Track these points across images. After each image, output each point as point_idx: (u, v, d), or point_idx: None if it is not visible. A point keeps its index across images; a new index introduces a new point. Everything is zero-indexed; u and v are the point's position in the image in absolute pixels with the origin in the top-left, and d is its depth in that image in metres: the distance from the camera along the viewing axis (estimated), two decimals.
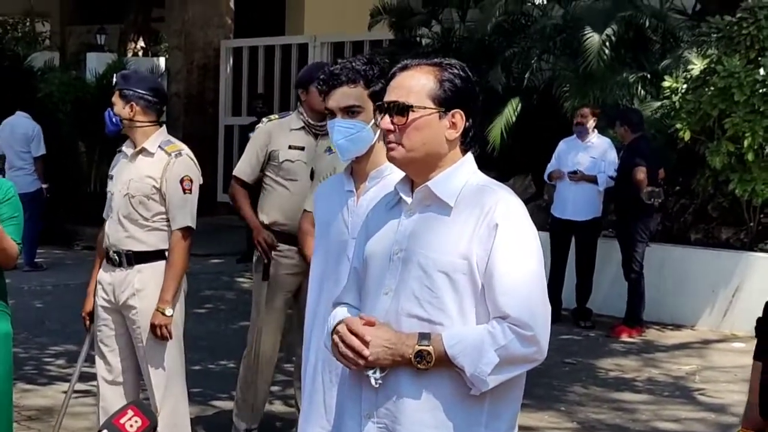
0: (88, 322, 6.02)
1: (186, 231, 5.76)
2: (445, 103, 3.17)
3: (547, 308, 3.11)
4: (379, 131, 4.11)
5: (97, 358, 5.96)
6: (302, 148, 6.47)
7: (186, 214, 5.76)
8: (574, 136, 11.40)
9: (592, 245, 11.37)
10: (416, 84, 3.18)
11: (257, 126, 6.74)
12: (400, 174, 3.88)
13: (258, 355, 6.60)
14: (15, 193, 5.13)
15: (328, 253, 4.14)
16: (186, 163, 5.81)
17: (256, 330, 6.63)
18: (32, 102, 15.64)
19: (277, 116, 6.77)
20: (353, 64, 4.13)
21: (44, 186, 14.22)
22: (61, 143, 16.04)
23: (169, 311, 5.69)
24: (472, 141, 3.26)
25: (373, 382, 3.09)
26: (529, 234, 3.13)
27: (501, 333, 3.02)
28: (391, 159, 3.24)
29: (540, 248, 3.16)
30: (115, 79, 5.82)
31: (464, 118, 3.19)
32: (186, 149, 5.87)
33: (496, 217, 3.08)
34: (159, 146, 5.79)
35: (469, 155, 3.25)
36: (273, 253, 6.49)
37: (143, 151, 5.79)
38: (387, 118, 3.19)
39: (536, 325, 3.04)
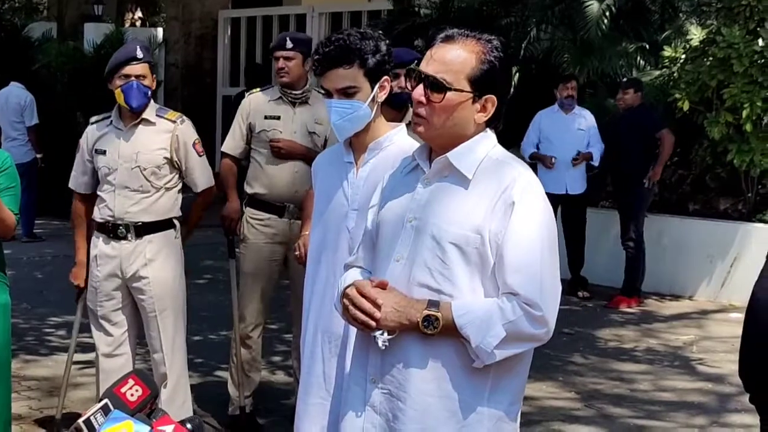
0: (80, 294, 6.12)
1: (209, 190, 6.07)
2: (481, 87, 3.12)
3: (558, 290, 3.11)
4: (376, 108, 4.11)
5: (96, 332, 6.00)
6: (278, 118, 6.52)
7: (207, 176, 6.05)
8: (556, 108, 11.32)
9: (584, 215, 11.36)
10: (457, 61, 3.11)
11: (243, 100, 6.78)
12: (398, 146, 3.90)
13: (243, 324, 6.65)
14: (12, 164, 5.15)
15: (327, 224, 4.15)
16: (191, 126, 6.00)
17: (239, 301, 6.69)
18: (28, 72, 15.60)
19: (259, 89, 6.79)
20: (348, 41, 4.05)
21: (39, 156, 14.21)
22: (58, 114, 16.01)
23: None
24: (497, 121, 3.21)
25: (380, 343, 3.10)
26: (545, 214, 3.12)
27: (510, 309, 3.02)
28: (417, 132, 3.20)
29: (555, 228, 3.15)
30: (140, 53, 5.76)
31: (495, 104, 3.15)
32: (182, 115, 6.04)
33: (513, 195, 3.06)
34: (157, 115, 5.88)
35: (490, 130, 3.22)
36: (254, 221, 6.55)
37: (143, 121, 5.83)
38: (420, 89, 3.13)
39: (546, 305, 3.04)
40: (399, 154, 3.87)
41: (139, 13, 20.79)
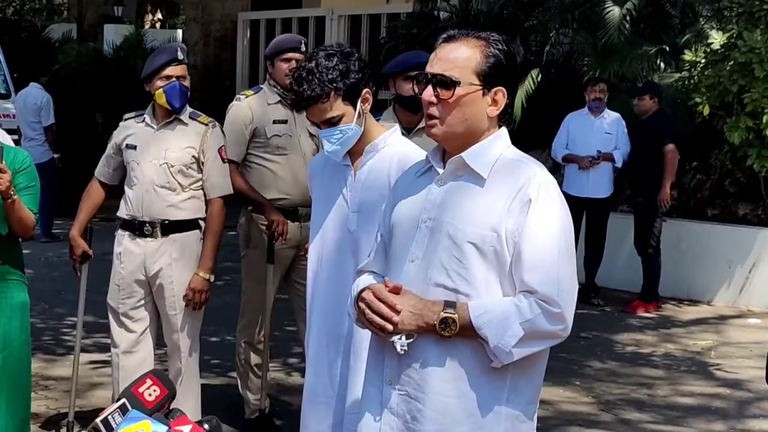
0: (79, 265, 6.21)
1: (226, 198, 6.01)
2: (489, 80, 3.14)
3: (575, 287, 3.11)
4: (365, 118, 4.11)
5: (117, 329, 6.03)
6: (285, 122, 6.46)
7: (226, 183, 6.02)
8: (586, 111, 11.23)
9: (606, 221, 11.29)
10: (462, 57, 3.14)
11: (231, 104, 6.65)
12: (394, 146, 3.97)
13: (255, 329, 6.63)
14: (31, 163, 5.18)
15: (327, 227, 4.19)
16: (220, 133, 6.05)
17: (255, 305, 6.63)
18: (48, 73, 15.66)
19: (252, 91, 6.69)
20: (317, 74, 4.02)
21: (56, 156, 14.25)
22: (78, 114, 16.06)
23: (212, 278, 5.97)
24: (507, 116, 3.24)
25: (398, 348, 3.09)
26: (562, 211, 3.12)
27: (528, 307, 3.01)
28: (431, 135, 3.21)
29: (572, 226, 3.14)
30: (180, 54, 5.90)
31: (506, 96, 3.17)
32: (214, 120, 6.08)
33: (529, 192, 3.06)
34: (190, 117, 5.97)
35: (504, 129, 3.24)
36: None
37: (177, 121, 5.90)
38: (429, 89, 3.14)
39: (563, 302, 3.04)
40: (395, 154, 4.02)
41: (158, 15, 20.86)
